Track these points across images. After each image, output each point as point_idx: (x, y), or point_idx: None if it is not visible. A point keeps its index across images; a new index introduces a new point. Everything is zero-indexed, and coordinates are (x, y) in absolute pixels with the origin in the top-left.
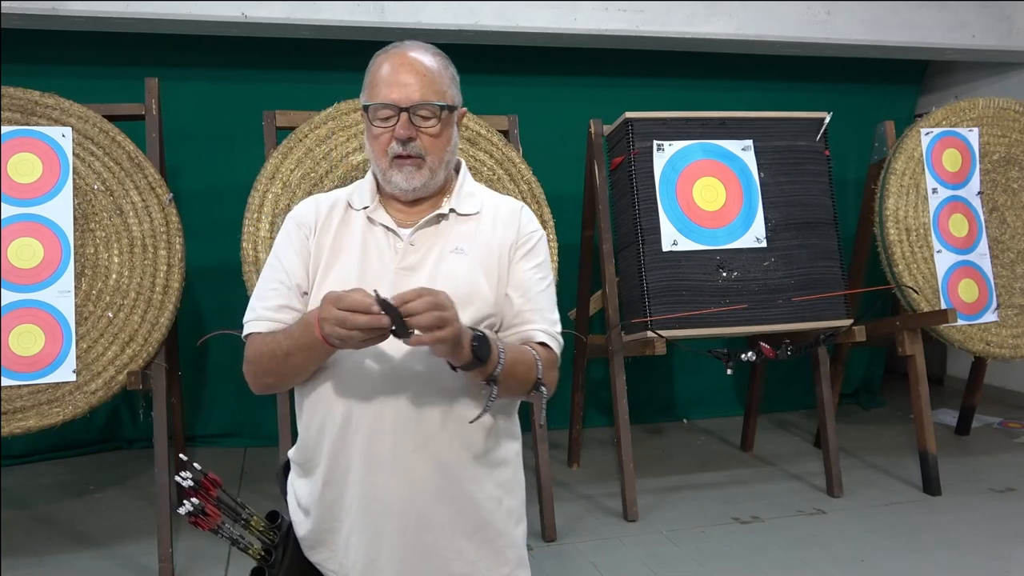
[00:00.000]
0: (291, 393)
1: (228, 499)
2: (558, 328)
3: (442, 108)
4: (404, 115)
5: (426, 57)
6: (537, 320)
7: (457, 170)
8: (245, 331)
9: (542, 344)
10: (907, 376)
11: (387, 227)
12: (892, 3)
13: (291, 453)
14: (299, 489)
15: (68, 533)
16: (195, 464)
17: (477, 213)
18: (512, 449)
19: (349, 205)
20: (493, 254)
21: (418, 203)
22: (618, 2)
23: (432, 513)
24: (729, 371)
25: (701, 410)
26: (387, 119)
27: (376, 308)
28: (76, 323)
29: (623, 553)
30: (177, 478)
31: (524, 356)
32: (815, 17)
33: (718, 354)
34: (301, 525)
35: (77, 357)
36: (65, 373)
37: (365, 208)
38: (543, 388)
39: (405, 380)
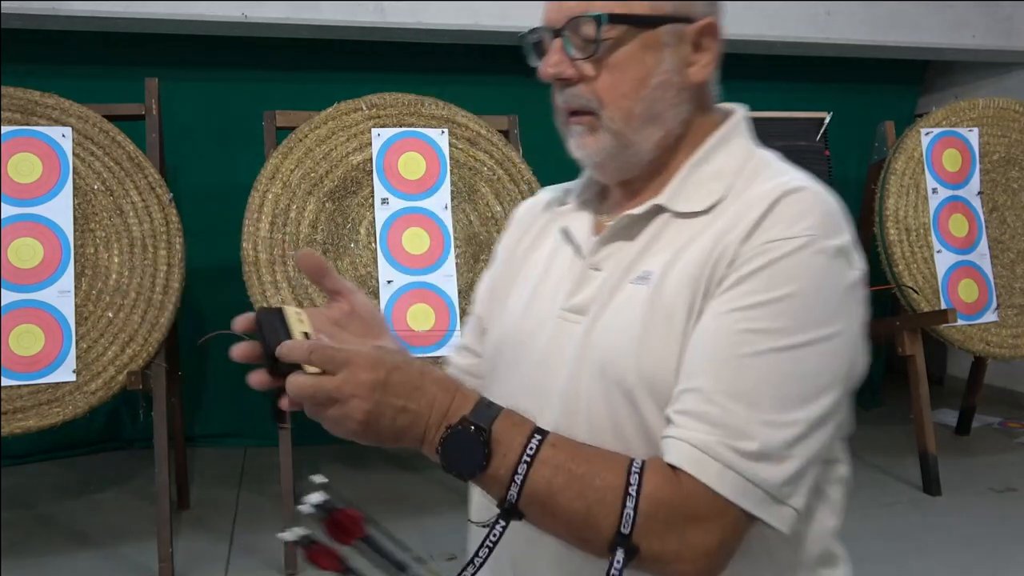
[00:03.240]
0: None
1: (385, 543)
2: (770, 439)
3: (613, 20)
4: (557, 42)
5: None
6: (696, 410)
7: (703, 131)
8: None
9: (672, 467)
10: (907, 376)
11: (570, 239)
12: (892, 3)
13: None
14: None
15: (68, 533)
16: (327, 495)
17: (708, 210)
18: None
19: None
20: (700, 281)
21: (631, 185)
22: None
23: None
24: None
25: None
26: (543, 54)
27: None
28: (76, 323)
29: None
30: (302, 506)
31: (589, 481)
32: (815, 17)
33: None
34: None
35: (77, 357)
36: (65, 373)
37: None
38: (621, 552)
39: None
